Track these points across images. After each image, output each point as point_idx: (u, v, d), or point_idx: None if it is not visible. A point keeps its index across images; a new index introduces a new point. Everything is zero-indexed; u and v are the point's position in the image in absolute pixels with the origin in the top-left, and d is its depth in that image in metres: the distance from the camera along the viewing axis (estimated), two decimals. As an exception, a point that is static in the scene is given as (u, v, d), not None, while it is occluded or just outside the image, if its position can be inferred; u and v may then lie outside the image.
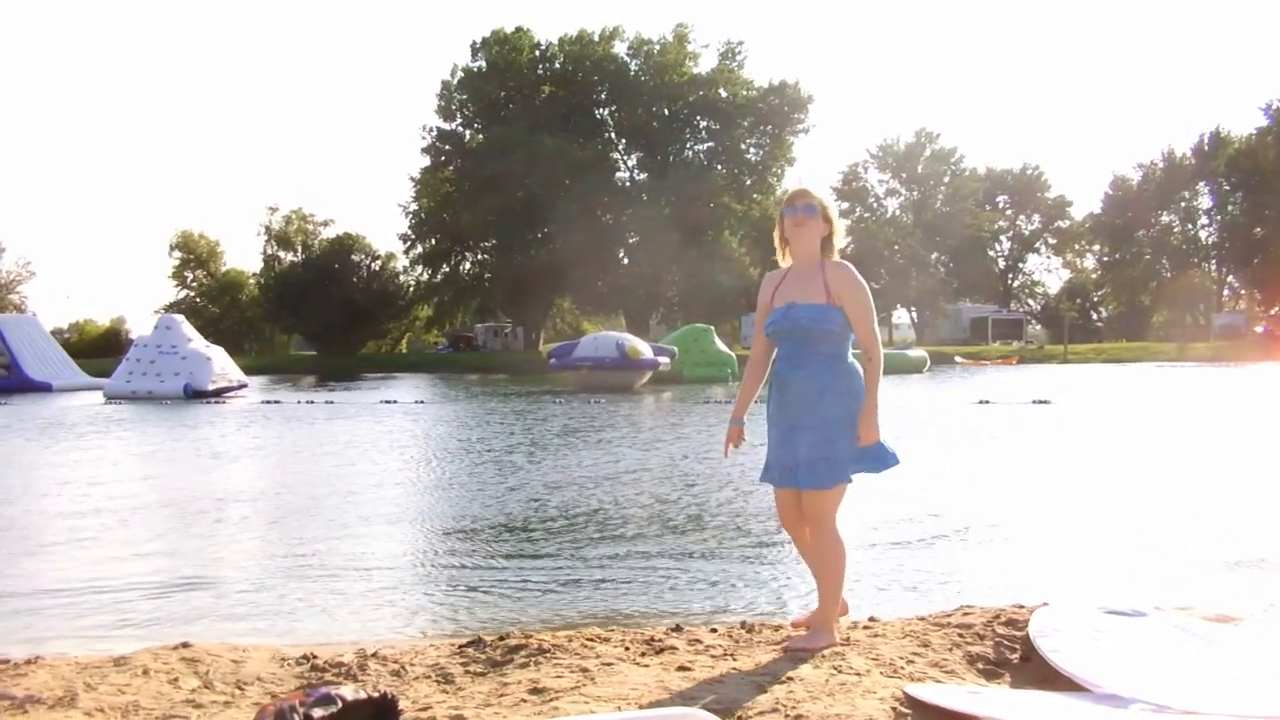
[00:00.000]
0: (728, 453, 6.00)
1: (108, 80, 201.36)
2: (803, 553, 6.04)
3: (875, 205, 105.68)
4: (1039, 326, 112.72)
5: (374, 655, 5.71)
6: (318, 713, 4.10)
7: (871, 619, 6.37)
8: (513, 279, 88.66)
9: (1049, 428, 21.92)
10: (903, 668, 5.24)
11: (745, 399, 6.01)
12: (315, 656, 5.69)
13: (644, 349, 42.49)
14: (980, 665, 5.44)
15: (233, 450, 20.21)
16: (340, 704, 4.17)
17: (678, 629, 6.13)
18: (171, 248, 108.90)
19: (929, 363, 58.89)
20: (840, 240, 5.84)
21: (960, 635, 5.82)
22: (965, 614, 6.25)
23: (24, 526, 11.76)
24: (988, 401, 29.43)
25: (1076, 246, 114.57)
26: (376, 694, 4.34)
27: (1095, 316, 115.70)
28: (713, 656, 5.48)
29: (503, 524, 10.98)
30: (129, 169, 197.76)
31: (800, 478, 5.70)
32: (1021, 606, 6.24)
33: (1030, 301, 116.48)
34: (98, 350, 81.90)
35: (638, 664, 5.36)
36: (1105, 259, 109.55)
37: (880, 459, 5.84)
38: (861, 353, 5.63)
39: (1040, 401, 29.03)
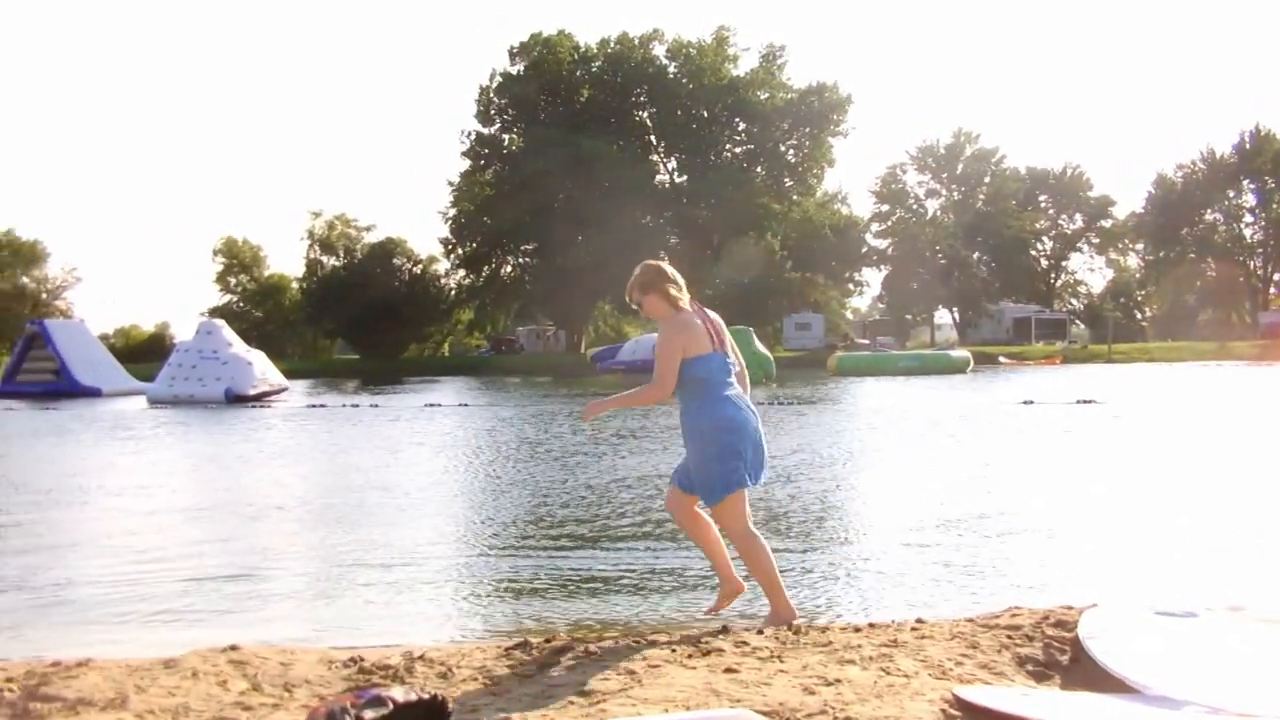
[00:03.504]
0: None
1: (153, 87, 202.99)
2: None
3: (915, 206, 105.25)
4: (1082, 326, 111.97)
5: (421, 657, 5.71)
6: (369, 714, 4.11)
7: (919, 620, 6.32)
8: (553, 282, 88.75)
9: (1095, 428, 21.76)
10: (951, 670, 5.21)
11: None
12: (362, 659, 5.70)
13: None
14: (1030, 667, 5.41)
15: (278, 453, 20.36)
16: (391, 706, 4.18)
17: (724, 630, 6.12)
18: (215, 253, 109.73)
19: (971, 363, 58.54)
20: (674, 292, 6.48)
21: (1009, 637, 5.79)
22: (1014, 615, 6.21)
23: (76, 527, 11.91)
24: (1032, 402, 29.24)
25: (1120, 246, 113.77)
26: (427, 696, 4.35)
27: (1139, 316, 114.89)
28: (759, 658, 5.47)
29: (548, 525, 10.99)
30: (173, 175, 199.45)
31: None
32: (1070, 608, 6.20)
33: (1073, 301, 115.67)
34: (143, 355, 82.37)
35: (684, 666, 5.35)
36: (1149, 258, 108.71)
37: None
38: None
39: (1085, 401, 28.82)
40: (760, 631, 6.10)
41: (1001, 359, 71.62)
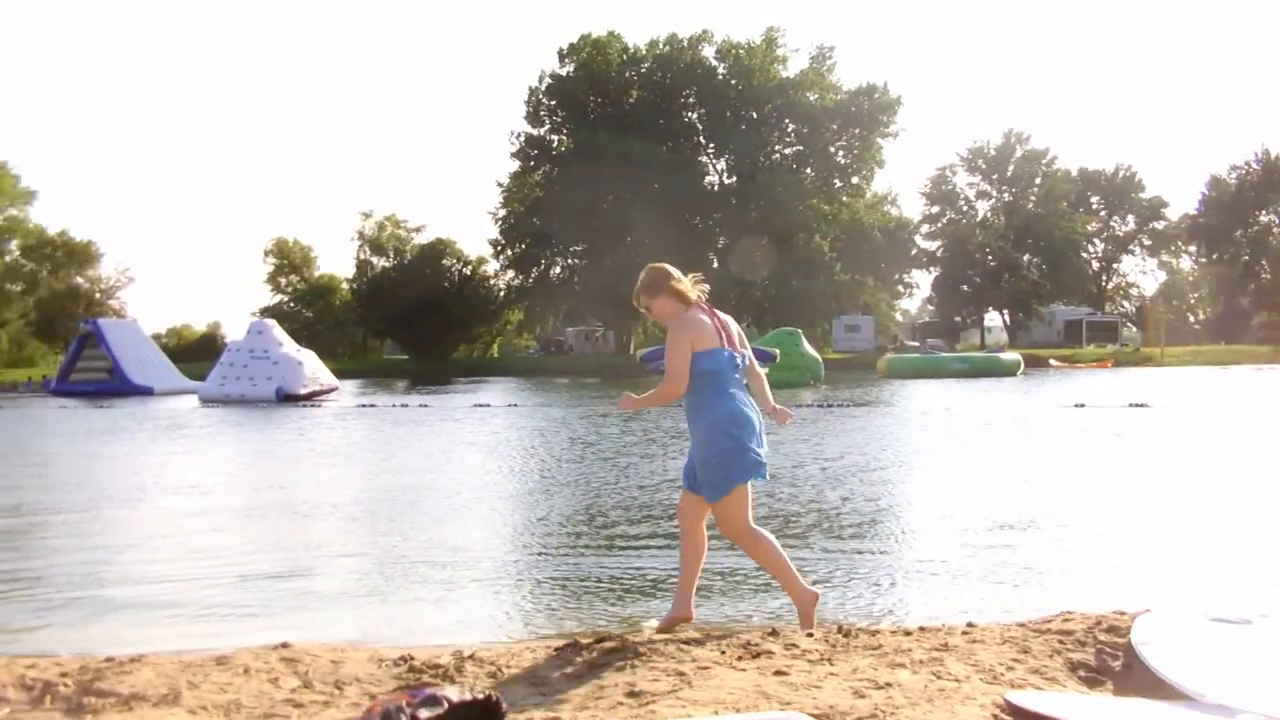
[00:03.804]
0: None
1: (208, 89, 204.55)
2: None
3: (965, 208, 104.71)
4: (1134, 329, 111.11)
5: (471, 657, 5.73)
6: (424, 713, 4.12)
7: (970, 624, 6.29)
8: (602, 282, 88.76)
9: (1147, 431, 21.58)
10: (1003, 674, 5.18)
11: None
12: (412, 658, 5.73)
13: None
14: (1082, 673, 5.37)
15: (329, 452, 20.51)
16: (446, 705, 4.18)
17: (774, 633, 6.09)
18: (266, 253, 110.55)
19: (1022, 366, 58.20)
20: (682, 290, 6.56)
21: (1061, 641, 5.75)
22: (1066, 620, 6.17)
23: (131, 525, 12.04)
24: (1083, 405, 29.03)
25: (1172, 248, 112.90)
26: (481, 696, 4.36)
27: (1192, 319, 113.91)
28: (809, 661, 5.45)
29: (600, 525, 11.00)
30: (225, 176, 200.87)
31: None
32: (1123, 613, 6.14)
33: (1125, 304, 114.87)
34: (194, 354, 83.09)
35: (734, 668, 5.34)
36: (1202, 260, 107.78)
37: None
38: None
39: (1137, 405, 28.58)
40: (810, 634, 6.08)
41: (1052, 362, 71.19)
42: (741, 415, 6.37)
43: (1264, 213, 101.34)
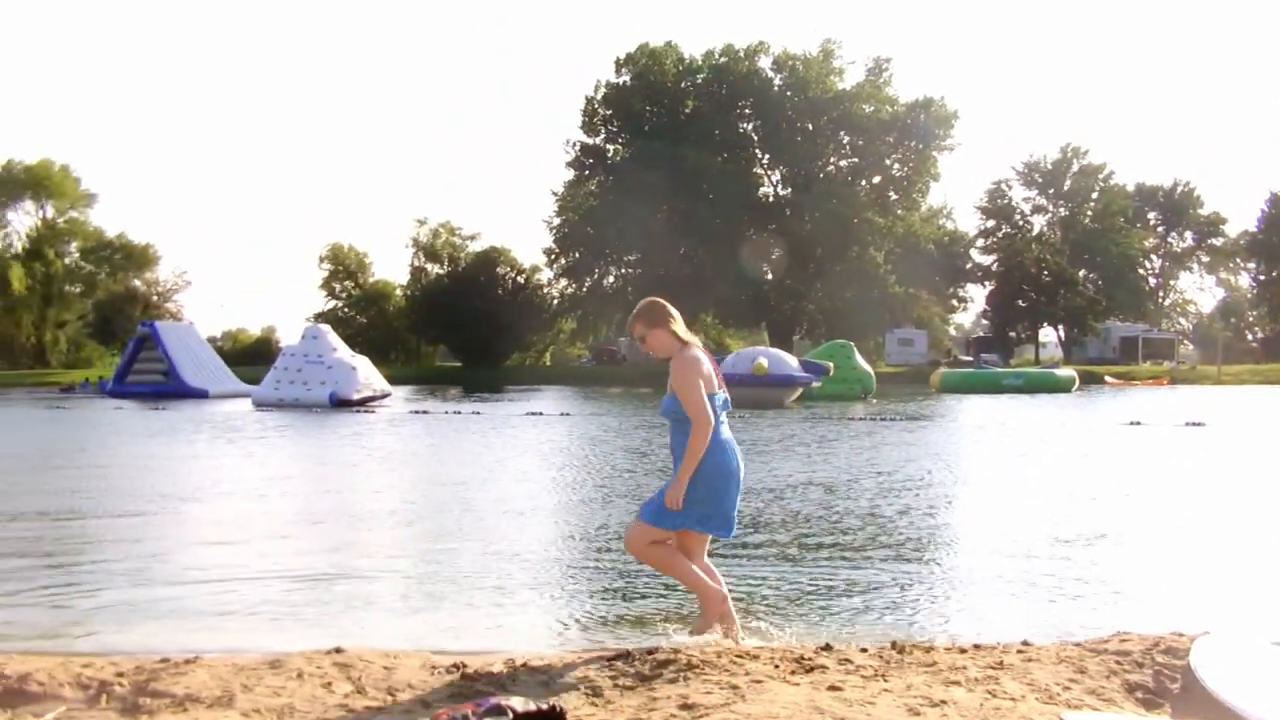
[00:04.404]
0: None
1: (263, 95, 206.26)
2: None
3: (1021, 222, 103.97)
4: (1191, 346, 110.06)
5: (523, 665, 5.74)
6: (489, 722, 4.13)
7: (1025, 643, 6.24)
8: (656, 292, 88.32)
9: (1203, 450, 21.37)
10: (1059, 694, 5.14)
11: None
12: (465, 665, 5.74)
13: (783, 364, 42.01)
14: (1139, 694, 5.32)
15: (384, 457, 20.62)
16: (511, 715, 4.19)
17: (827, 648, 6.07)
18: (321, 259, 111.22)
19: (1077, 382, 57.69)
20: (678, 328, 6.72)
21: (1118, 662, 5.69)
22: (1123, 640, 6.11)
23: (187, 526, 12.17)
24: (1139, 423, 28.77)
25: (1231, 264, 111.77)
26: (545, 706, 4.36)
27: (1250, 337, 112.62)
28: (863, 677, 5.42)
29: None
30: (282, 182, 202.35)
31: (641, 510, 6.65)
32: (1181, 635, 6.08)
33: (1182, 321, 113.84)
34: (249, 358, 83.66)
35: (788, 682, 5.32)
36: (1261, 277, 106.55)
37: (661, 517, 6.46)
38: None
39: (1194, 424, 28.28)
40: (864, 649, 6.05)
41: (1108, 378, 70.58)
42: (729, 467, 6.49)
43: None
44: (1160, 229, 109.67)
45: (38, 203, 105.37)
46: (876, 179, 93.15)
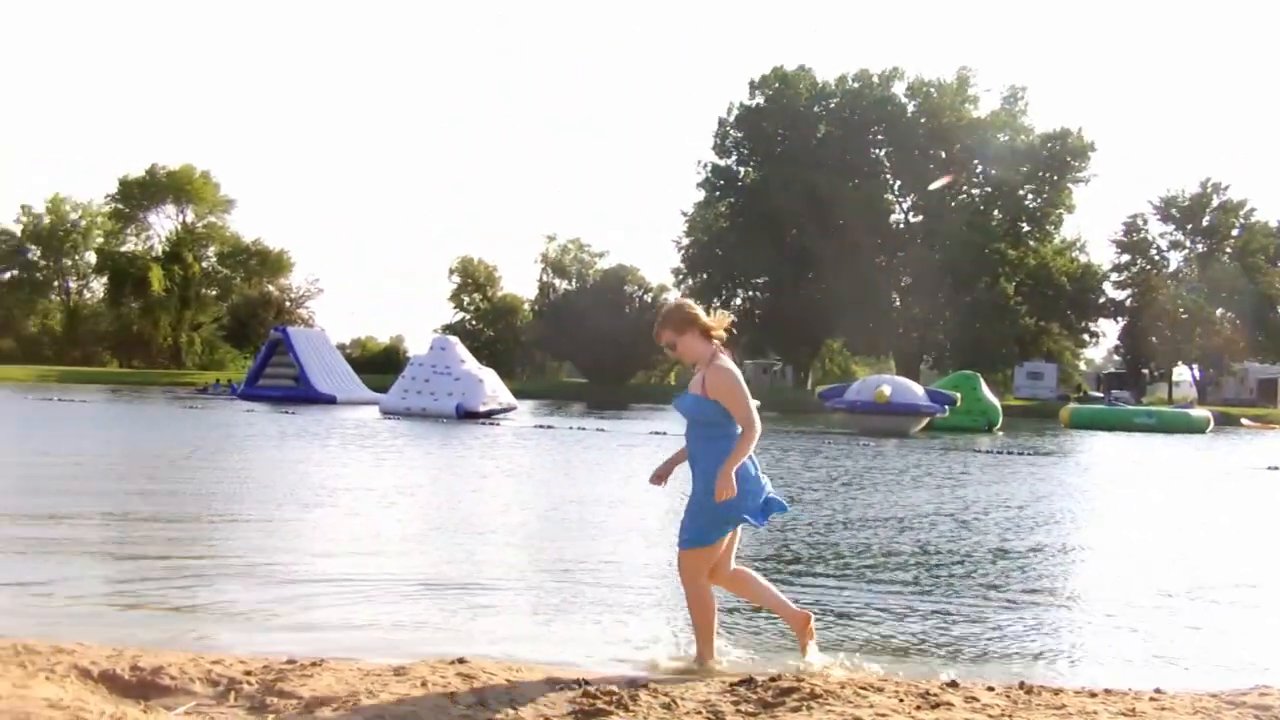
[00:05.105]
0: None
1: (400, 108, 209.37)
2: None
3: (1157, 258, 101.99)
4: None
5: (645, 686, 5.70)
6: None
7: (1158, 690, 6.08)
8: (783, 317, 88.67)
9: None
10: (1193, 746, 4.98)
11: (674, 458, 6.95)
12: (587, 682, 5.73)
13: (908, 393, 41.60)
14: (1281, 751, 5.14)
15: (513, 470, 20.79)
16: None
17: (953, 684, 5.97)
18: (451, 271, 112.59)
19: (1212, 423, 56.34)
20: (711, 321, 6.61)
21: (1256, 716, 5.52)
22: (1263, 694, 5.92)
23: (320, 529, 12.36)
24: (1277, 468, 27.99)
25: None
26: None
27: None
28: (989, 716, 5.33)
29: (786, 560, 10.88)
30: (414, 193, 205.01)
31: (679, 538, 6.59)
32: (1327, 690, 5.87)
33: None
34: (377, 366, 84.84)
35: (912, 717, 5.23)
36: None
37: (732, 514, 6.46)
38: None
39: (1336, 471, 27.47)
40: (991, 688, 5.93)
41: (1244, 421, 68.86)
42: (751, 471, 6.55)
43: None
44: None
45: (178, 207, 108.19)
46: (1009, 209, 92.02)
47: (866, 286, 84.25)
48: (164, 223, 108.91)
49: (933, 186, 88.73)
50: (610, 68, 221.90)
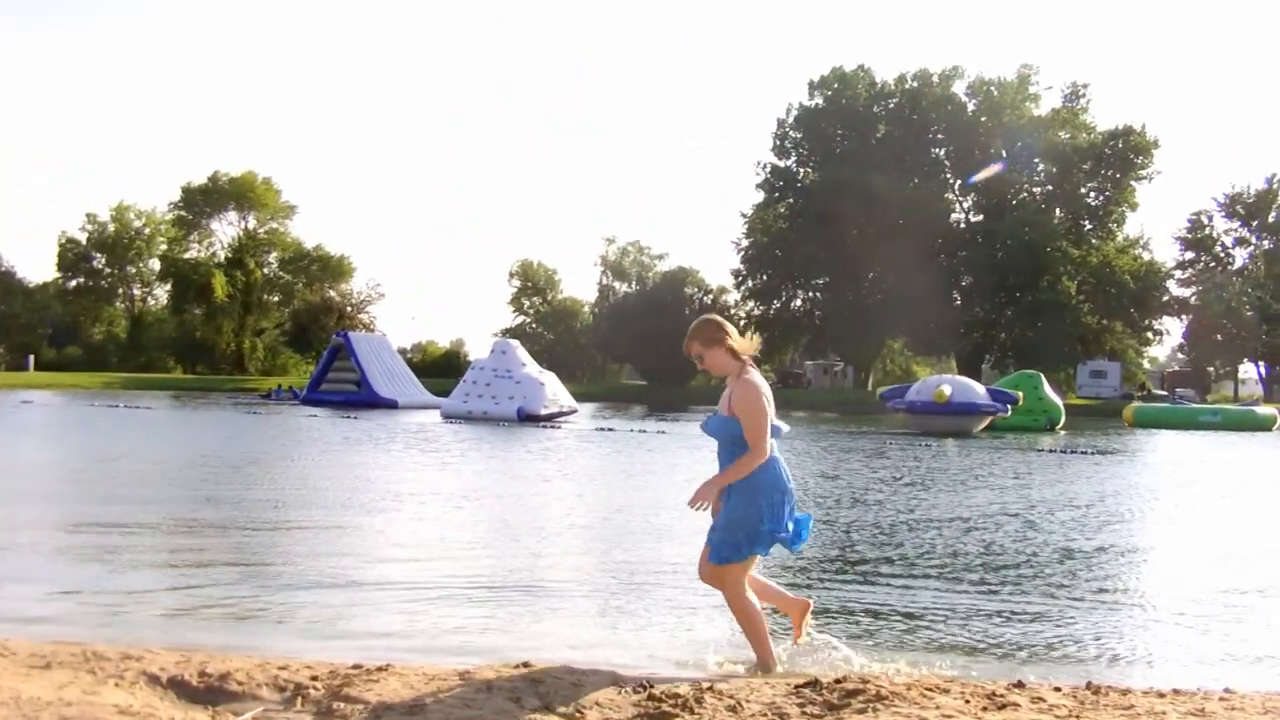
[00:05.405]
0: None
1: (460, 112, 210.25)
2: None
3: (1223, 254, 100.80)
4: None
5: (710, 689, 5.69)
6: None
7: (1228, 690, 6.02)
8: (844, 317, 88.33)
9: None
10: (1265, 747, 4.93)
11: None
12: (651, 685, 5.73)
13: (969, 393, 41.34)
14: (1357, 751, 5.07)
15: (575, 472, 20.84)
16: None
17: (1020, 685, 5.93)
18: (511, 275, 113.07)
19: (1278, 421, 55.59)
20: (737, 347, 6.76)
21: (1329, 716, 5.44)
22: (1337, 693, 5.84)
23: (385, 533, 12.48)
24: (1347, 465, 27.65)
25: None
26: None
27: None
28: (1056, 717, 5.30)
29: (851, 561, 10.84)
30: (474, 197, 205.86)
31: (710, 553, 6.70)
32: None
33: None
34: (438, 370, 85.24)
35: (978, 718, 5.20)
36: None
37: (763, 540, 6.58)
38: None
39: (1406, 468, 27.11)
40: (1058, 689, 5.89)
41: (1312, 418, 67.88)
42: (784, 483, 6.57)
43: None
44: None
45: (241, 213, 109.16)
46: (1071, 207, 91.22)
47: (927, 286, 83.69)
48: (226, 229, 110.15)
49: (977, 177, 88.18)
50: (673, 70, 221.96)
